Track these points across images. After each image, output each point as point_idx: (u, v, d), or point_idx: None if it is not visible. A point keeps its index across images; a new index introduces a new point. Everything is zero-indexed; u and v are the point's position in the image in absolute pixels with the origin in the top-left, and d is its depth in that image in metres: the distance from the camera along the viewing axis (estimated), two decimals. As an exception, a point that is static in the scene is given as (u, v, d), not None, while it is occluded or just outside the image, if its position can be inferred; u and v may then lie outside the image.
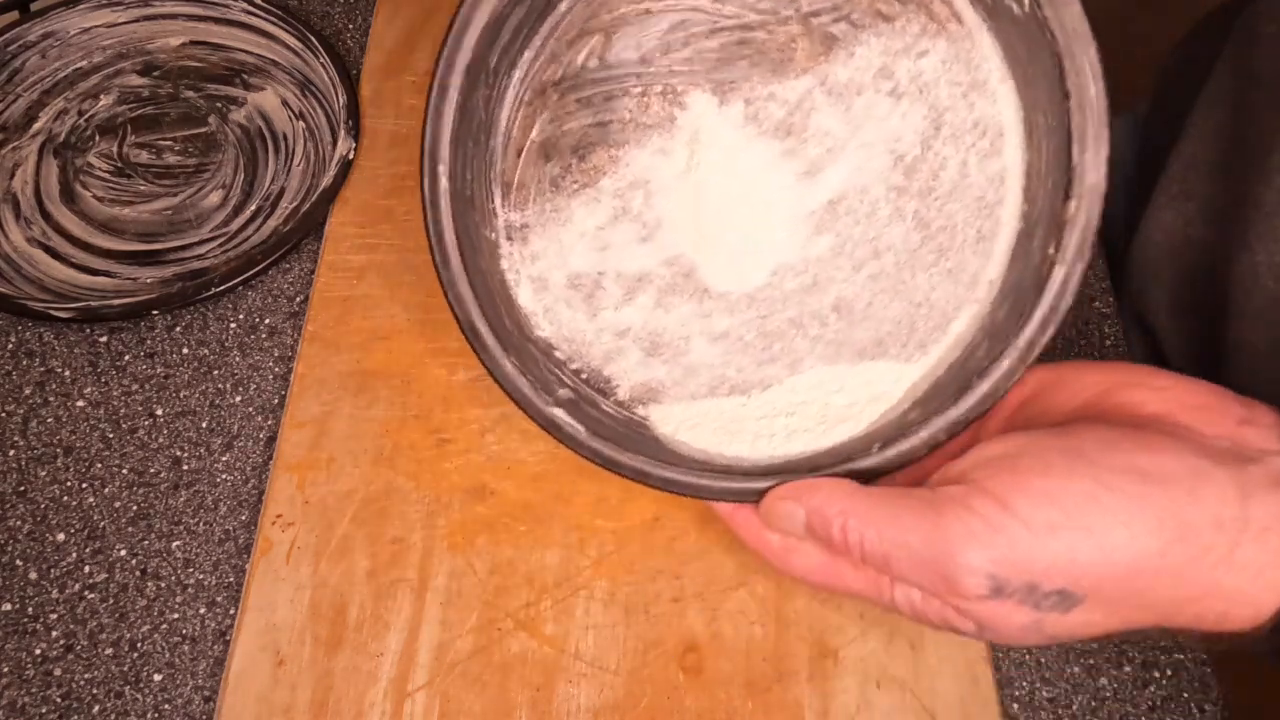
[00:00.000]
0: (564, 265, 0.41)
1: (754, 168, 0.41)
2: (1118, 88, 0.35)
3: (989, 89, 0.38)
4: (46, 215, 0.55)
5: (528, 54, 0.40)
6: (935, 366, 0.39)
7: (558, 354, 0.41)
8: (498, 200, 0.41)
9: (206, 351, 0.51)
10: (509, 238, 0.41)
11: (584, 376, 0.41)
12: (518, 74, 0.40)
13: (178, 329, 0.52)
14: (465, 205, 0.39)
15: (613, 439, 0.39)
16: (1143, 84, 0.62)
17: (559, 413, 0.39)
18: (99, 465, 0.48)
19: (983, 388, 0.36)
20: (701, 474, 0.38)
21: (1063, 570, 0.29)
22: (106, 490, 0.47)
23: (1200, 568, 0.28)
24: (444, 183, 0.37)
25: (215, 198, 0.56)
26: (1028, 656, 0.44)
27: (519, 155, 0.41)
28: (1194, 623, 0.30)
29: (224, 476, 0.48)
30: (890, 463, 0.37)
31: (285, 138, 0.58)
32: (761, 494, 0.37)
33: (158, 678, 0.43)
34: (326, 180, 0.55)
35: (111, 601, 0.44)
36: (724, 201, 0.41)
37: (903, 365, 0.40)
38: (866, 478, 0.36)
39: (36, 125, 0.58)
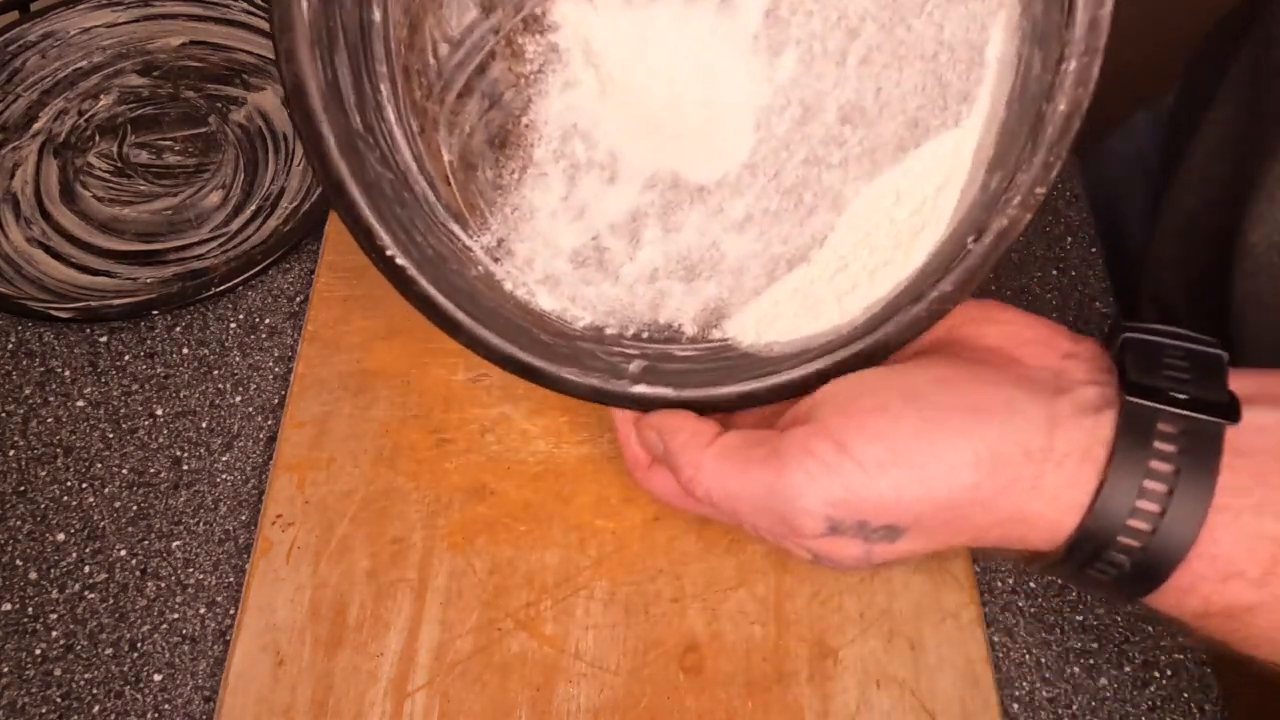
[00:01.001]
0: (559, 251, 0.39)
1: (665, 36, 0.36)
2: (1144, 86, 0.34)
3: None
4: (46, 215, 0.55)
5: (384, 88, 0.36)
6: (992, 110, 0.33)
7: (610, 331, 0.38)
8: (462, 236, 0.38)
9: (206, 351, 0.51)
10: (495, 260, 0.38)
11: (645, 336, 0.39)
12: (389, 113, 0.36)
13: (178, 329, 0.52)
14: (437, 264, 0.36)
15: (705, 381, 0.36)
16: (1168, 82, 0.62)
17: (640, 388, 0.36)
18: (99, 465, 0.48)
19: (1058, 108, 0.30)
20: (808, 364, 0.35)
21: (889, 508, 0.31)
22: (106, 490, 0.47)
23: (1009, 496, 0.31)
24: (402, 261, 0.34)
25: (215, 198, 0.56)
26: (1028, 656, 0.44)
27: (449, 183, 0.38)
28: (1000, 542, 0.33)
29: (224, 476, 0.48)
30: (992, 250, 0.31)
31: (285, 138, 0.58)
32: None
33: (158, 678, 0.43)
34: (326, 180, 0.55)
35: (111, 601, 0.44)
36: (661, 90, 0.36)
37: (955, 131, 0.34)
38: (976, 277, 0.32)
39: (36, 125, 0.58)
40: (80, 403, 0.50)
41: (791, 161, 0.36)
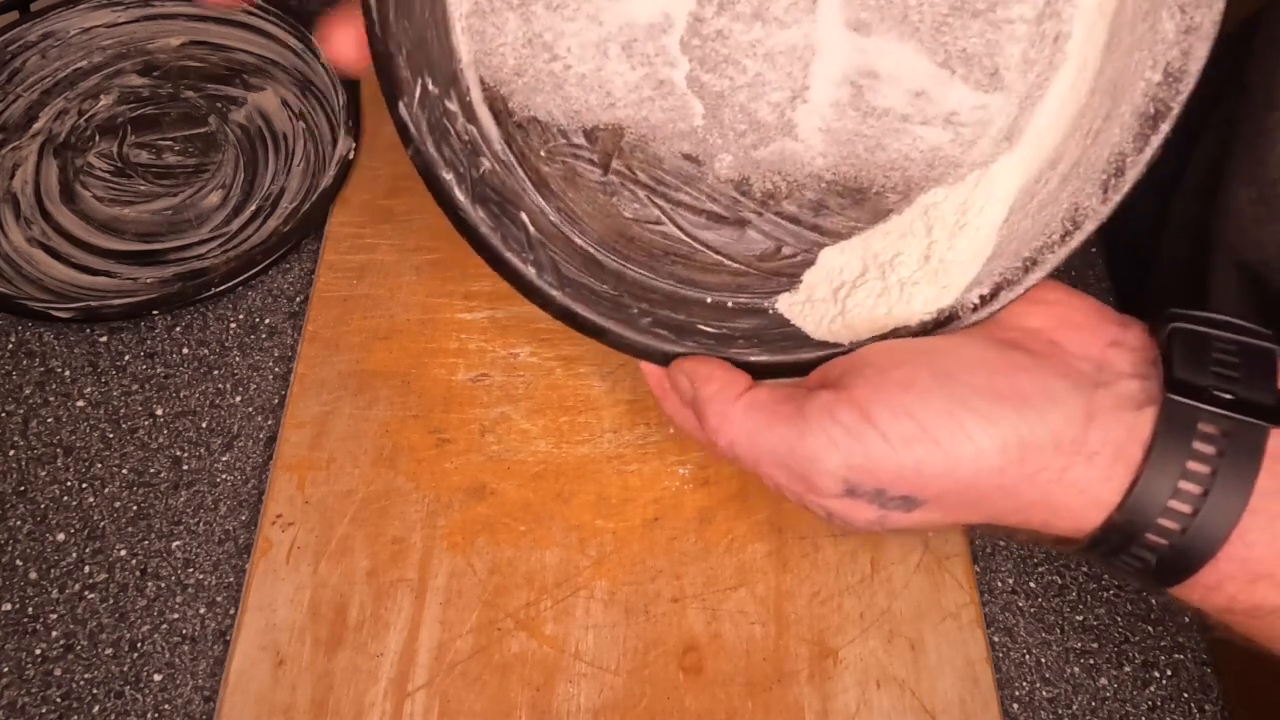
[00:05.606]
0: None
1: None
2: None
3: None
4: (46, 215, 0.55)
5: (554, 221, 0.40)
6: None
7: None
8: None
9: (206, 351, 0.51)
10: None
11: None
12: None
13: (178, 329, 0.52)
14: (674, 329, 0.40)
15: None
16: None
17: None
18: (99, 465, 0.48)
19: None
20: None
21: (909, 480, 0.31)
22: (106, 490, 0.47)
23: (1033, 485, 0.31)
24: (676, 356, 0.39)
25: (215, 198, 0.56)
26: (1028, 656, 0.44)
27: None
28: (1023, 525, 0.32)
29: (224, 476, 0.48)
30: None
31: (285, 138, 0.58)
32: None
33: (158, 678, 0.43)
34: (326, 180, 0.55)
35: (111, 601, 0.44)
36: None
37: None
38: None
39: (36, 125, 0.58)
40: (80, 403, 0.50)
41: None
